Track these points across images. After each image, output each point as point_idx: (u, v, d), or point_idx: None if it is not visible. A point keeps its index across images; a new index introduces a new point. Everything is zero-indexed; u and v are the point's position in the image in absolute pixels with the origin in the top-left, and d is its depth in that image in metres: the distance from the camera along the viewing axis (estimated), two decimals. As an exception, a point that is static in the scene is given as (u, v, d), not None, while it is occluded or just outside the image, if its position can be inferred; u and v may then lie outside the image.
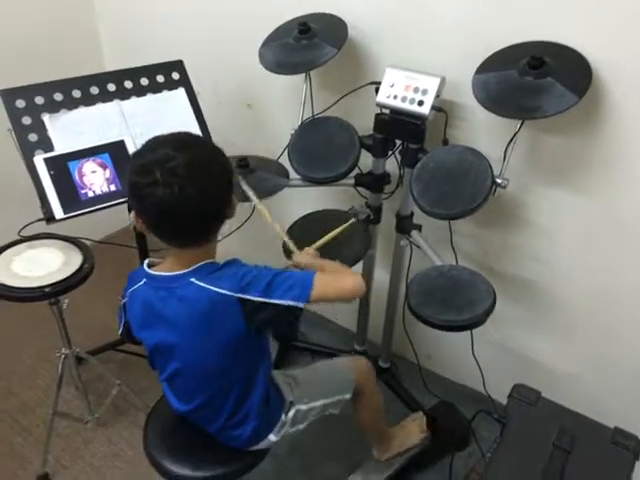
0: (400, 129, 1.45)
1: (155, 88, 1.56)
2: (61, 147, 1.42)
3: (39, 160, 1.38)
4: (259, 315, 1.00)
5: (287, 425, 1.19)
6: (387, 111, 1.46)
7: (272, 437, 1.18)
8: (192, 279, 1.01)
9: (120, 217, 1.54)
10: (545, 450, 0.84)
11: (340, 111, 1.57)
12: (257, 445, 1.17)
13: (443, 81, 1.38)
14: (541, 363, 1.68)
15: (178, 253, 1.04)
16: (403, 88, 1.41)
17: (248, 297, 0.99)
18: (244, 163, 1.51)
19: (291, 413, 1.20)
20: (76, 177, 1.42)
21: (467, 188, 1.34)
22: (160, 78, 1.57)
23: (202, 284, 1.01)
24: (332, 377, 1.32)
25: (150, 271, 1.07)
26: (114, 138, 1.48)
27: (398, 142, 1.53)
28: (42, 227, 1.42)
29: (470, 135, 1.47)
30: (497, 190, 1.33)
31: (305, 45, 1.48)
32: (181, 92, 1.59)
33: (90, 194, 1.43)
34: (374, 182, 1.58)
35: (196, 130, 1.59)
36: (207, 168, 0.97)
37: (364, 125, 1.51)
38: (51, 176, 1.39)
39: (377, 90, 1.48)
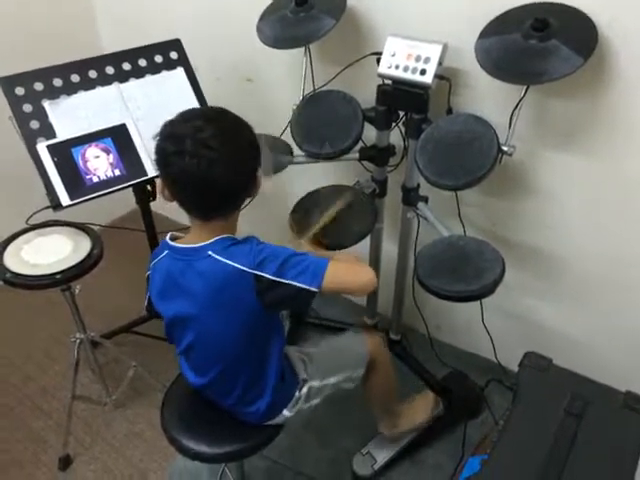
0: (403, 99, 1.43)
1: (154, 69, 1.55)
2: (63, 133, 1.41)
3: (42, 147, 1.38)
4: (271, 293, 1.01)
5: (301, 401, 1.21)
6: (389, 82, 1.44)
7: (286, 413, 1.19)
8: (210, 252, 1.03)
9: (126, 201, 1.54)
10: (557, 416, 0.84)
11: (342, 84, 1.55)
12: (272, 420, 1.19)
13: (445, 48, 1.35)
14: (552, 330, 1.68)
15: (199, 226, 1.05)
16: (405, 57, 1.39)
17: (262, 274, 1.00)
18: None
19: (305, 389, 1.21)
20: (80, 163, 1.42)
21: (473, 157, 1.32)
22: (158, 58, 1.56)
23: (219, 257, 1.02)
24: (345, 353, 1.33)
25: (172, 243, 1.09)
26: (115, 122, 1.47)
27: (401, 113, 1.51)
28: (50, 214, 1.43)
29: (474, 102, 1.44)
30: (503, 158, 1.31)
31: (303, 18, 1.45)
32: (180, 71, 1.57)
33: (95, 179, 1.43)
34: (378, 155, 1.56)
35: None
36: (236, 143, 0.99)
37: (367, 97, 1.49)
38: (55, 163, 1.39)
39: (378, 61, 1.45)
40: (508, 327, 1.73)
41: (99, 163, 1.44)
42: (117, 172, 1.45)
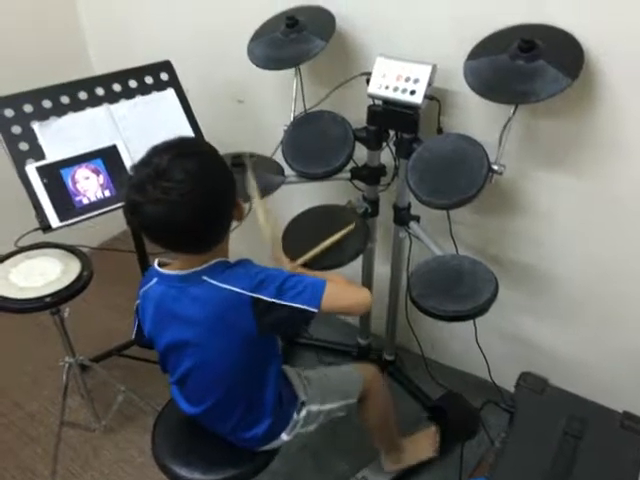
0: (393, 120, 1.44)
1: (144, 90, 1.55)
2: (53, 155, 1.40)
3: (31, 169, 1.37)
4: (269, 315, 1.00)
5: (299, 425, 1.19)
6: (379, 102, 1.45)
7: (284, 436, 1.17)
8: (205, 277, 1.01)
9: (117, 222, 1.53)
10: (555, 437, 0.83)
11: (332, 105, 1.55)
12: (269, 445, 1.17)
13: (434, 69, 1.37)
14: (545, 349, 1.68)
15: (186, 259, 1.04)
16: (395, 78, 1.40)
17: (260, 296, 0.98)
18: (238, 161, 1.49)
19: (303, 412, 1.19)
20: (69, 184, 1.40)
21: (463, 176, 1.32)
22: (149, 79, 1.56)
23: (215, 282, 1.00)
24: (343, 381, 1.31)
25: (161, 270, 1.06)
26: (106, 143, 1.46)
27: (392, 133, 1.52)
28: (39, 237, 1.41)
29: (464, 122, 1.45)
30: (494, 177, 1.32)
31: (293, 39, 1.46)
32: (170, 92, 1.57)
33: (85, 201, 1.41)
34: (370, 175, 1.57)
35: (187, 130, 1.58)
36: (202, 181, 0.94)
37: (357, 118, 1.50)
38: (44, 185, 1.37)
39: (368, 81, 1.47)
40: (502, 346, 1.73)
41: (89, 184, 1.43)
42: (107, 193, 1.44)
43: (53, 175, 1.39)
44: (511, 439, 0.82)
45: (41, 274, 1.38)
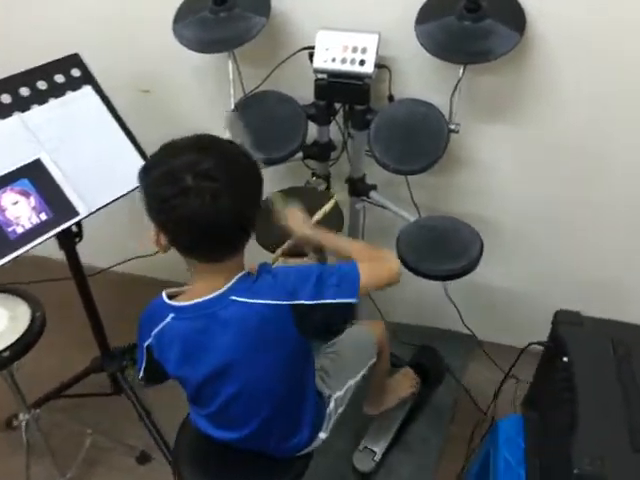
0: (343, 92, 1.41)
1: (57, 91, 1.32)
2: (-34, 183, 1.15)
3: (-57, 204, 1.11)
4: (310, 318, 0.94)
5: (332, 417, 1.16)
6: (324, 76, 1.41)
7: (322, 435, 1.13)
8: (232, 297, 0.91)
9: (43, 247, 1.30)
10: (611, 364, 0.92)
11: (271, 85, 1.48)
12: (310, 447, 1.12)
13: (380, 37, 1.36)
14: (497, 287, 1.81)
15: (208, 272, 0.93)
16: (341, 49, 1.37)
17: (298, 302, 0.92)
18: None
19: (331, 404, 1.16)
20: (-3, 214, 1.17)
21: (426, 139, 1.36)
22: (59, 78, 1.33)
23: (245, 299, 0.92)
24: (357, 350, 1.28)
25: (176, 303, 0.94)
26: (27, 159, 1.24)
27: (337, 106, 1.49)
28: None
29: (412, 88, 1.47)
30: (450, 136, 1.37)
31: (226, 18, 1.35)
32: (88, 90, 1.37)
33: (19, 230, 1.19)
34: (321, 151, 1.54)
35: (115, 129, 1.39)
36: (239, 168, 0.88)
37: (301, 95, 1.45)
38: (-35, 218, 1.13)
39: (311, 56, 1.42)
40: (465, 296, 1.82)
41: (20, 210, 1.20)
42: (43, 216, 1.23)
43: (-27, 206, 1.15)
44: (576, 375, 0.89)
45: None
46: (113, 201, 1.33)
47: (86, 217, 1.29)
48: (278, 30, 1.48)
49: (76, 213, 1.27)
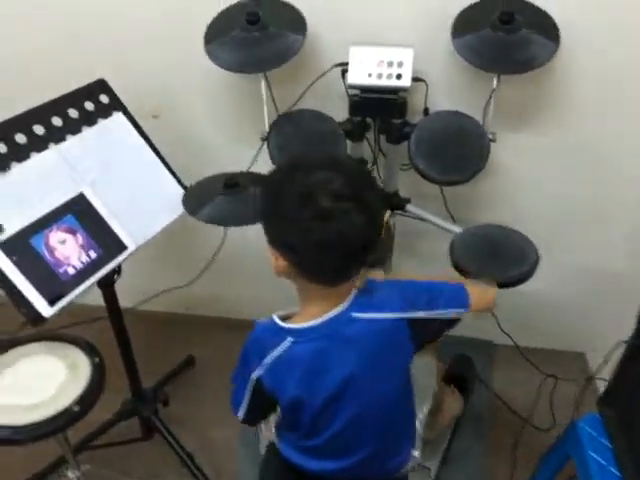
0: (379, 107, 1.41)
1: (89, 119, 1.24)
2: (13, 224, 1.05)
3: (-10, 249, 1.01)
4: (423, 331, 0.93)
5: (421, 434, 1.13)
6: (356, 92, 1.41)
7: (415, 453, 1.10)
8: (353, 314, 0.88)
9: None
10: None
11: (300, 105, 1.46)
12: (406, 466, 1.09)
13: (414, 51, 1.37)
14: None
15: (320, 298, 0.89)
16: (376, 64, 1.37)
17: (414, 314, 0.91)
18: (232, 182, 1.31)
19: (417, 422, 1.13)
20: (46, 255, 1.07)
21: (468, 149, 1.38)
22: (89, 106, 1.25)
23: (367, 315, 0.89)
24: (423, 375, 1.27)
25: (294, 326, 0.89)
26: (70, 193, 1.15)
27: (369, 121, 1.48)
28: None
29: (442, 100, 1.48)
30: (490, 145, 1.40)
31: (262, 36, 1.32)
32: (119, 117, 1.29)
33: (71, 270, 1.10)
34: (355, 167, 1.52)
35: (150, 155, 1.33)
36: (367, 185, 0.85)
37: (330, 113, 1.43)
38: (15, 263, 1.03)
39: (343, 72, 1.41)
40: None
41: (68, 249, 1.11)
42: (93, 254, 1.14)
43: (23, 248, 1.05)
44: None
45: (45, 379, 1.04)
46: (159, 232, 1.26)
47: (135, 251, 1.21)
48: (306, 47, 1.46)
49: (124, 247, 1.19)
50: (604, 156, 1.56)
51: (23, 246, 1.05)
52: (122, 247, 1.19)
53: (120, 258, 1.18)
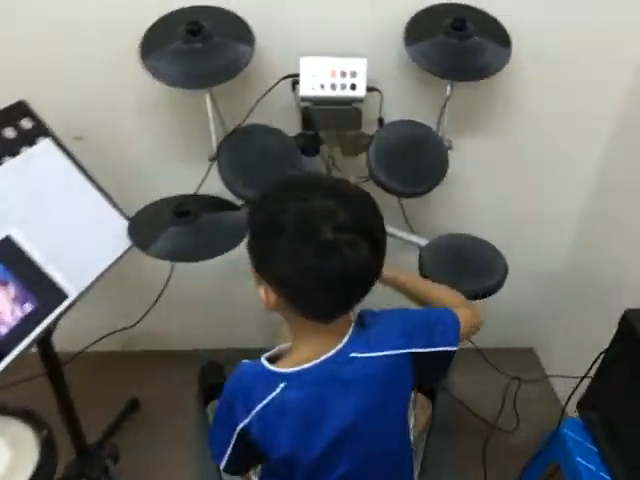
0: (334, 118, 1.34)
1: (10, 149, 1.06)
2: None
3: None
4: (423, 366, 0.85)
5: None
6: (307, 104, 1.33)
7: None
8: (352, 354, 0.80)
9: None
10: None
11: (250, 120, 1.35)
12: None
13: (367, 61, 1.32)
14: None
15: (314, 335, 0.80)
16: (329, 75, 1.30)
17: (416, 350, 0.84)
18: (183, 210, 1.17)
19: None
20: (-28, 315, 0.89)
21: (427, 158, 1.35)
22: (9, 132, 1.07)
23: (367, 355, 0.80)
24: None
25: (286, 370, 0.79)
26: (-6, 237, 0.97)
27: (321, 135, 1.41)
28: None
29: (396, 109, 1.43)
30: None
31: (206, 48, 1.20)
32: (47, 143, 1.12)
33: (3, 330, 0.92)
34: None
35: (87, 188, 1.16)
36: (371, 212, 0.76)
37: (281, 127, 1.34)
38: None
39: (294, 84, 1.33)
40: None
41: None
42: (28, 307, 0.97)
43: (-58, 311, 0.86)
44: None
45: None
46: (103, 274, 1.10)
47: (77, 299, 1.04)
48: (252, 59, 1.36)
49: (64, 296, 1.03)
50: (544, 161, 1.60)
51: (-58, 308, 0.86)
52: (62, 296, 1.02)
53: (60, 309, 1.01)
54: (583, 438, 1.17)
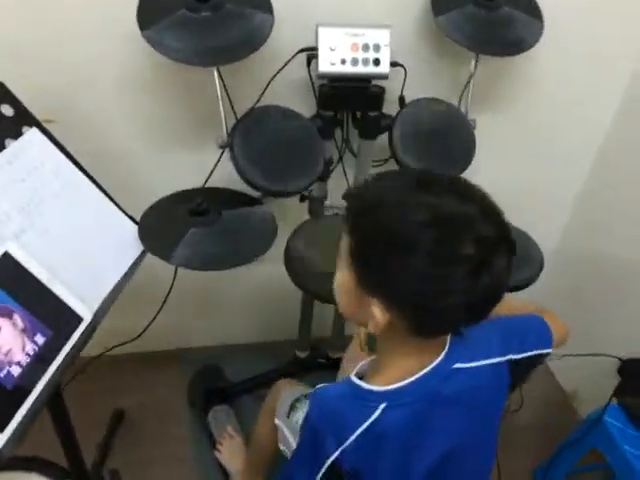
0: (354, 98, 1.22)
1: (-8, 143, 0.86)
2: None
3: None
4: (518, 373, 0.79)
5: None
6: (323, 82, 1.19)
7: None
8: (455, 365, 0.71)
9: None
10: None
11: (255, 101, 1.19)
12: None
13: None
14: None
15: (416, 350, 0.70)
16: (349, 48, 1.16)
17: (512, 356, 0.77)
18: (202, 207, 1.01)
19: None
20: (-24, 358, 0.71)
21: (455, 139, 1.26)
22: (-12, 123, 0.87)
23: (470, 365, 0.72)
24: None
25: (387, 388, 0.69)
26: (-12, 256, 0.78)
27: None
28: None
29: (417, 87, 1.31)
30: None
31: (219, 16, 1.02)
32: (34, 134, 0.92)
33: (16, 370, 0.75)
34: (325, 169, 1.30)
35: (86, 185, 0.98)
36: (503, 216, 0.65)
37: (296, 107, 1.20)
38: None
39: (309, 60, 1.18)
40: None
41: (6, 339, 0.75)
42: (40, 339, 0.79)
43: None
44: None
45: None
46: (117, 288, 0.93)
47: (95, 322, 0.88)
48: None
49: (79, 319, 0.85)
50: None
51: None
52: (76, 320, 0.85)
53: (77, 334, 0.84)
54: (624, 424, 1.16)
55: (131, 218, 1.03)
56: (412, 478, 0.74)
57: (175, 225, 1.00)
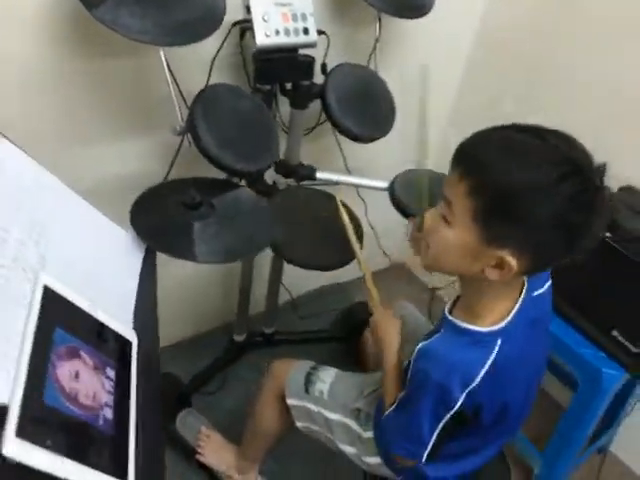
0: (289, 69, 1.23)
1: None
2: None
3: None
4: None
5: None
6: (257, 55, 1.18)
7: None
8: (534, 293, 0.83)
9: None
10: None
11: (194, 79, 1.12)
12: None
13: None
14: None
15: (509, 287, 0.80)
16: (281, 19, 1.17)
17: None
18: (196, 201, 0.94)
19: None
20: (75, 409, 0.60)
21: (381, 102, 1.36)
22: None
23: (540, 291, 0.85)
24: None
25: (497, 326, 0.77)
26: (21, 287, 0.64)
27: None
28: None
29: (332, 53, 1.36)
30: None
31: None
32: (6, 146, 0.75)
33: (108, 414, 0.65)
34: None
35: (70, 194, 0.84)
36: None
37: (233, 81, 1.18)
38: (55, 450, 0.55)
39: (243, 33, 1.15)
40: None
41: (87, 382, 0.64)
42: (111, 372, 0.69)
43: (44, 420, 0.56)
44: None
45: None
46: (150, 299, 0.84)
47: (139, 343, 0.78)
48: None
49: (128, 342, 0.76)
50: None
51: (43, 416, 0.55)
52: (126, 343, 0.75)
53: (134, 360, 0.75)
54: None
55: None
56: (516, 398, 0.85)
57: (174, 223, 0.92)
